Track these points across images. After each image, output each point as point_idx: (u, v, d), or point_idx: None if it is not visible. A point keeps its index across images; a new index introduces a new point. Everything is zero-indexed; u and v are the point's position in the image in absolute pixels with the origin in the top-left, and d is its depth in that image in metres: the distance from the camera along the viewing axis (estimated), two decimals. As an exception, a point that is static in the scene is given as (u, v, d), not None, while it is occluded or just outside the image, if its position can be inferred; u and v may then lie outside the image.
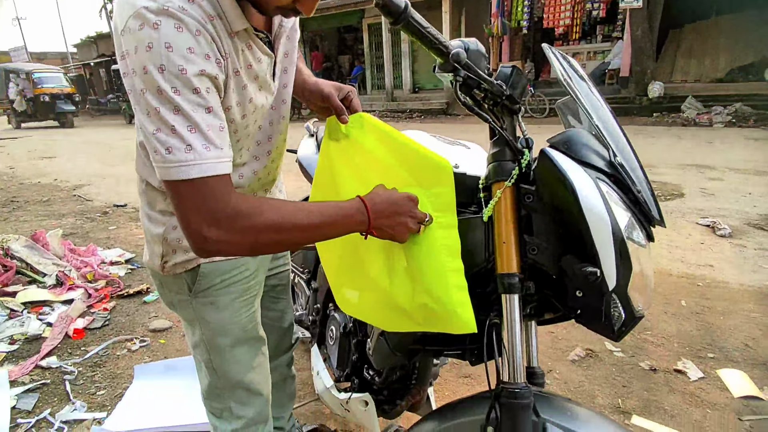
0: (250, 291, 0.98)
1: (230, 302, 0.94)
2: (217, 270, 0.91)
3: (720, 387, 1.79)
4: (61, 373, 2.04)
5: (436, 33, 0.67)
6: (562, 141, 0.76)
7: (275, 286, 1.19)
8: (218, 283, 0.92)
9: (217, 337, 0.95)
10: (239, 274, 0.95)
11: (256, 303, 1.01)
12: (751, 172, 4.95)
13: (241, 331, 0.97)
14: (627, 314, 0.73)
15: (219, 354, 0.96)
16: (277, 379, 1.28)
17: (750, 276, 2.68)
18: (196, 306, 0.93)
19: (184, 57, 0.61)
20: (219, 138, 0.66)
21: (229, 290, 0.94)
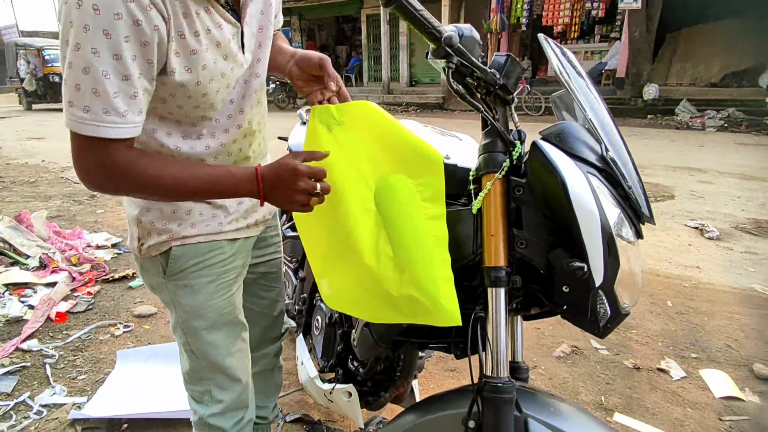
0: (227, 274, 0.96)
1: (205, 285, 0.93)
2: (190, 252, 0.91)
3: (702, 387, 1.81)
4: (41, 357, 2.01)
5: (429, 16, 0.65)
6: (555, 133, 0.74)
7: (265, 273, 1.17)
8: (192, 265, 0.91)
9: (193, 320, 0.94)
10: (214, 257, 0.93)
11: (234, 287, 0.99)
12: (740, 176, 5.00)
13: (218, 315, 0.96)
14: (613, 311, 0.72)
15: (195, 337, 0.96)
16: (264, 368, 1.27)
17: (735, 278, 2.71)
18: (171, 288, 0.93)
19: (110, 21, 0.62)
20: (126, 104, 0.68)
21: (204, 273, 0.93)
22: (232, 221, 0.96)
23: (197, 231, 0.91)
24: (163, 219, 0.89)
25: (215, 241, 0.93)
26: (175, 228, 0.90)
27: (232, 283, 0.98)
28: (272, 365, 1.29)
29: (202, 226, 0.91)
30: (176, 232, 0.90)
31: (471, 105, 0.74)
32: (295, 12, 16.15)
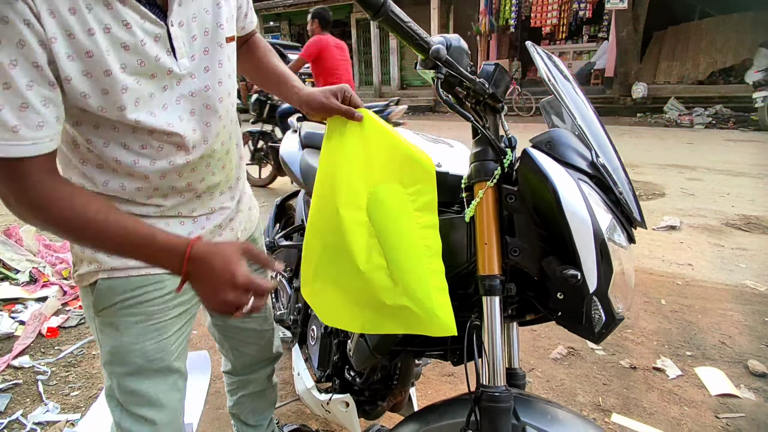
0: (163, 314, 0.84)
1: (132, 325, 0.82)
2: (118, 288, 0.80)
3: (697, 385, 1.82)
4: (33, 373, 1.98)
5: (417, 28, 0.65)
6: (545, 141, 0.75)
7: None
8: (119, 302, 0.80)
9: (114, 364, 0.83)
10: (148, 294, 0.82)
11: (172, 329, 0.87)
12: (729, 173, 5.06)
13: (144, 361, 0.83)
14: (607, 316, 0.72)
15: (117, 383, 0.85)
16: (255, 390, 1.25)
17: (727, 275, 2.74)
18: (98, 325, 0.83)
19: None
20: (16, 117, 0.58)
21: (133, 311, 0.81)
22: None
23: (130, 263, 0.79)
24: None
25: (150, 275, 0.81)
26: (104, 258, 0.78)
27: (168, 324, 0.86)
28: (264, 386, 1.26)
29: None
30: (104, 262, 0.78)
31: (461, 114, 0.74)
32: (284, 17, 16.16)
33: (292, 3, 14.72)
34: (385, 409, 1.24)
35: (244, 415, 1.29)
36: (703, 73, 10.18)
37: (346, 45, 4.60)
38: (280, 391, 1.82)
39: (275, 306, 1.94)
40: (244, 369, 1.21)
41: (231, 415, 1.33)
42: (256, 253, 0.70)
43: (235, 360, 1.20)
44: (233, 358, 1.20)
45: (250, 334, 1.14)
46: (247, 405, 1.27)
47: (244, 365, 1.20)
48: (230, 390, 1.28)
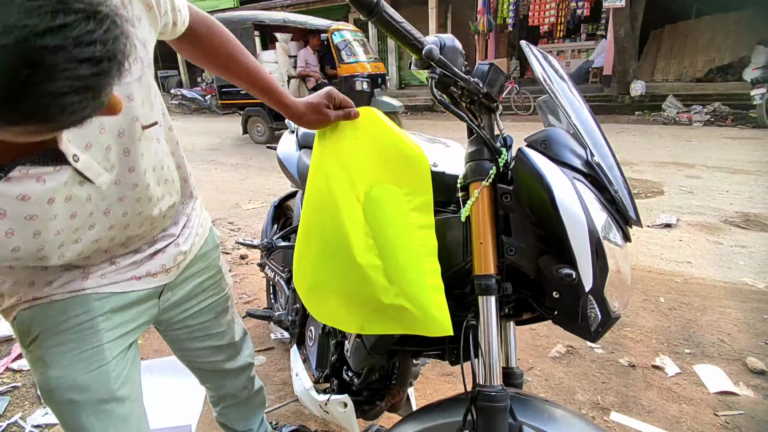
0: (95, 339, 0.77)
1: (59, 356, 0.75)
2: (39, 316, 0.74)
3: (696, 382, 1.82)
4: (32, 376, 1.98)
5: (410, 28, 0.65)
6: (540, 140, 0.75)
7: (200, 324, 1.01)
8: (42, 332, 0.74)
9: (48, 401, 0.77)
10: (73, 318, 0.75)
11: (111, 354, 0.79)
12: (728, 170, 5.06)
13: (78, 393, 0.76)
14: (603, 315, 0.72)
15: (60, 420, 0.79)
16: (235, 401, 1.22)
17: (726, 272, 2.74)
18: (29, 361, 0.77)
19: None
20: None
21: (58, 339, 0.75)
22: (107, 273, 0.78)
23: (52, 289, 0.73)
24: (14, 277, 0.72)
25: (76, 297, 0.75)
26: (25, 289, 0.73)
27: (105, 349, 0.78)
28: (245, 396, 1.22)
29: (60, 284, 0.74)
30: (25, 293, 0.73)
31: (455, 114, 0.74)
32: (282, 18, 16.15)
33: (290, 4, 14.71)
34: (384, 409, 1.24)
35: (232, 422, 1.28)
36: (700, 71, 10.19)
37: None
38: (279, 391, 1.82)
39: (273, 306, 1.94)
40: (214, 384, 1.17)
41: (219, 424, 1.31)
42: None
43: (201, 377, 1.16)
44: (200, 376, 1.16)
45: (207, 352, 1.07)
46: (232, 414, 1.26)
47: (212, 380, 1.17)
48: (212, 401, 1.26)
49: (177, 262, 0.89)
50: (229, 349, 1.11)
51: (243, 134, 8.26)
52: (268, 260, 1.83)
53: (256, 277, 2.81)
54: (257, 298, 2.58)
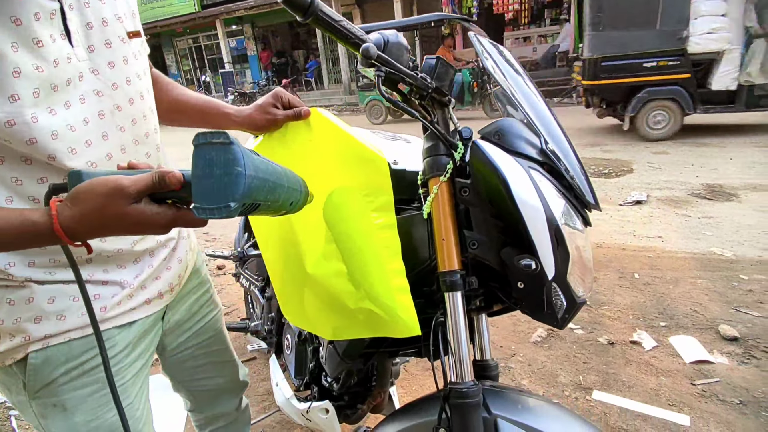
0: (120, 377, 0.72)
1: (84, 399, 0.68)
2: (57, 357, 0.65)
3: (672, 354, 1.87)
4: (6, 409, 1.90)
5: (350, 26, 0.63)
6: (493, 131, 0.74)
7: (200, 343, 0.96)
8: (61, 375, 0.66)
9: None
10: (97, 357, 0.68)
11: (134, 389, 0.75)
12: (693, 144, 5.21)
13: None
14: (568, 301, 0.72)
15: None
16: (227, 422, 1.15)
17: (695, 244, 2.82)
18: (36, 410, 0.68)
19: None
20: None
21: (82, 382, 0.68)
22: (124, 299, 0.71)
23: (68, 324, 0.65)
24: (12, 314, 0.62)
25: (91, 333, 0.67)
26: (32, 326, 0.63)
27: (129, 386, 0.74)
28: (234, 417, 1.15)
29: (75, 316, 0.66)
30: (34, 331, 0.63)
31: (406, 112, 0.73)
32: (246, 20, 15.87)
33: (254, 5, 14.46)
34: (366, 412, 1.23)
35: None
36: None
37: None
38: (264, 402, 1.79)
39: (250, 317, 1.91)
40: (209, 405, 1.10)
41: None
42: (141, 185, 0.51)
43: (196, 399, 1.07)
44: (194, 398, 1.07)
45: (209, 369, 1.01)
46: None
47: (207, 401, 1.09)
48: (198, 425, 1.15)
49: (181, 279, 0.85)
50: (230, 365, 1.06)
51: None
52: (243, 270, 1.79)
53: (234, 287, 2.77)
54: (236, 308, 2.54)
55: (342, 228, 0.81)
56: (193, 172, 0.47)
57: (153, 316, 0.79)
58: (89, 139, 0.63)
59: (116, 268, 0.71)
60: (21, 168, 0.59)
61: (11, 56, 0.53)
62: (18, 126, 0.56)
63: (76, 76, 0.61)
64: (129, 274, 0.72)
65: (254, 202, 0.48)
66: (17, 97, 0.55)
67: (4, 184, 0.59)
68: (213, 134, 0.46)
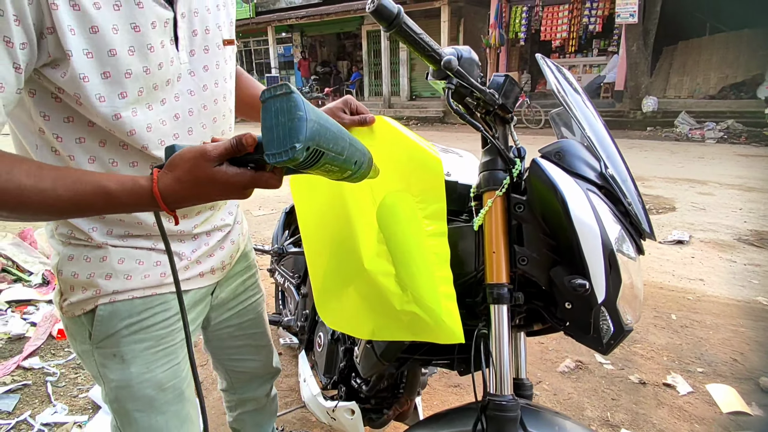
0: (171, 338, 0.78)
1: (140, 353, 0.75)
2: (121, 312, 0.73)
3: (708, 402, 1.78)
4: (43, 374, 2.00)
5: (429, 40, 0.67)
6: (554, 151, 0.75)
7: (241, 323, 1.03)
8: (123, 328, 0.73)
9: (124, 400, 0.76)
10: (154, 317, 0.76)
11: (182, 353, 0.81)
12: (741, 188, 5.00)
13: (157, 392, 0.77)
14: (616, 327, 0.72)
15: (128, 421, 0.77)
16: (255, 407, 1.21)
17: (739, 291, 2.70)
18: (98, 358, 0.75)
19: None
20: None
21: (140, 337, 0.75)
22: (181, 270, 0.78)
23: (133, 284, 0.73)
24: (88, 269, 0.71)
25: (156, 295, 0.75)
26: (103, 281, 0.71)
27: (178, 348, 0.80)
28: (263, 403, 1.21)
29: (139, 278, 0.73)
30: (104, 286, 0.71)
31: (471, 124, 0.75)
32: (297, 29, 16.42)
33: (305, 15, 14.96)
34: (391, 418, 1.23)
35: (245, 429, 1.27)
36: (714, 88, 10.14)
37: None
38: (286, 398, 1.82)
39: (282, 312, 1.95)
40: (242, 387, 1.16)
41: (232, 429, 1.30)
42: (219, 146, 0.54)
43: (231, 379, 1.14)
44: (229, 378, 1.14)
45: (245, 351, 1.08)
46: (248, 421, 1.24)
47: (241, 383, 1.15)
48: (229, 407, 1.24)
49: (232, 259, 0.92)
50: (266, 350, 1.12)
51: None
52: (279, 266, 1.84)
53: (266, 282, 2.82)
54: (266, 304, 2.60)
55: (393, 231, 0.84)
56: (263, 125, 0.51)
57: (204, 290, 0.86)
58: (177, 132, 0.71)
59: (178, 242, 0.79)
60: (119, 152, 0.67)
61: (127, 59, 0.60)
62: (122, 119, 0.63)
63: (175, 77, 0.69)
64: (187, 249, 0.80)
65: (318, 148, 0.51)
66: (125, 95, 0.62)
67: (102, 163, 0.67)
68: (276, 87, 0.50)
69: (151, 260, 0.75)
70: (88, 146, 0.65)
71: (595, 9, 10.65)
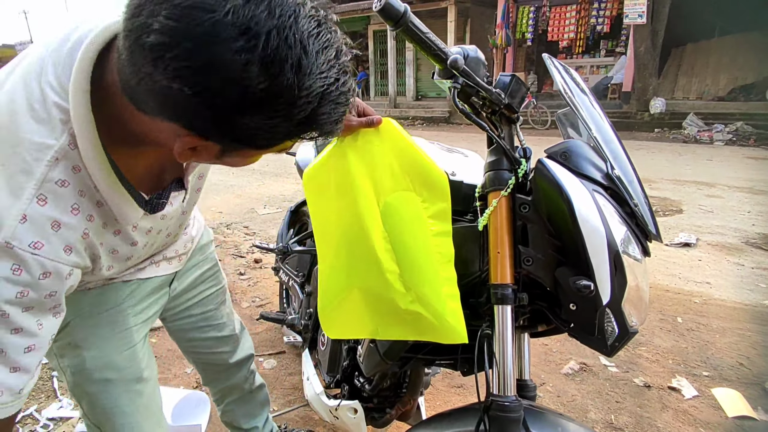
0: (125, 322, 0.84)
1: (97, 338, 0.80)
2: (74, 303, 0.75)
3: (714, 406, 1.77)
4: (49, 370, 2.02)
5: (435, 39, 0.67)
6: (560, 152, 0.75)
7: (203, 313, 1.08)
8: (75, 318, 0.78)
9: (84, 384, 0.81)
10: (107, 303, 0.82)
11: (138, 336, 0.86)
12: (750, 191, 4.95)
13: (116, 374, 0.82)
14: (621, 329, 0.72)
15: (93, 405, 0.82)
16: (240, 394, 1.26)
17: (747, 294, 2.67)
18: (55, 351, 0.80)
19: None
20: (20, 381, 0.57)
21: (95, 323, 0.80)
22: (136, 270, 0.85)
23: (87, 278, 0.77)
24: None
25: (109, 284, 0.82)
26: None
27: (134, 332, 0.85)
28: (248, 389, 1.26)
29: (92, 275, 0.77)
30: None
31: (476, 124, 0.75)
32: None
33: (311, 14, 14.95)
34: (394, 417, 1.23)
35: (237, 421, 1.31)
36: (723, 90, 10.05)
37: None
38: (289, 395, 1.83)
39: (286, 310, 1.95)
40: (219, 378, 1.21)
41: (224, 424, 1.34)
42: None
43: (204, 372, 1.21)
44: (203, 371, 1.21)
45: (212, 343, 1.13)
46: (237, 411, 1.28)
47: (216, 374, 1.21)
48: (216, 399, 1.30)
49: (187, 249, 0.97)
50: (231, 340, 1.17)
51: None
52: (283, 264, 1.85)
53: (270, 281, 2.84)
54: (270, 302, 2.60)
55: (398, 230, 0.84)
56: None
57: (160, 279, 0.91)
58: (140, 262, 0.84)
59: (136, 270, 0.86)
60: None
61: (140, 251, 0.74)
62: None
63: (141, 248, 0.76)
64: (144, 264, 0.86)
65: None
66: (111, 268, 0.71)
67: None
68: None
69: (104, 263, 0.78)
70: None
71: (602, 9, 10.59)
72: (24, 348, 0.56)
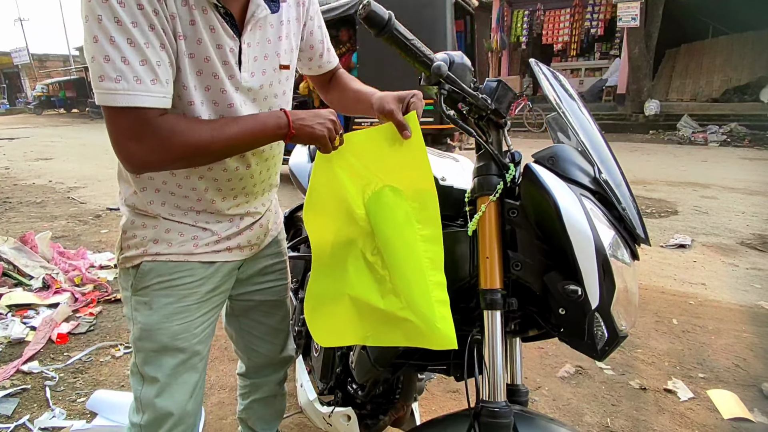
0: (190, 299, 0.94)
1: (164, 306, 0.91)
2: (157, 270, 0.91)
3: (710, 408, 1.77)
4: (42, 379, 2.00)
5: (421, 45, 0.67)
6: (548, 156, 0.75)
7: (264, 301, 1.14)
8: (155, 283, 0.91)
9: (143, 340, 0.92)
10: (180, 279, 0.92)
11: (197, 313, 0.95)
12: (744, 191, 4.98)
13: (169, 339, 0.92)
14: (610, 333, 0.71)
15: (143, 359, 0.94)
16: (266, 395, 1.27)
17: (742, 295, 2.68)
18: (133, 303, 0.93)
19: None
20: (152, 73, 0.69)
21: (166, 293, 0.92)
22: (210, 243, 0.94)
23: (171, 250, 0.91)
24: (144, 233, 0.90)
25: (185, 262, 0.92)
26: (152, 244, 0.90)
27: (194, 308, 0.95)
28: (275, 392, 1.28)
29: (177, 246, 0.91)
30: (151, 248, 0.90)
31: (463, 129, 0.75)
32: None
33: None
34: (387, 423, 1.23)
35: (252, 421, 1.31)
36: (717, 91, 10.12)
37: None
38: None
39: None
40: (257, 370, 1.24)
41: (239, 420, 1.35)
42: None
43: (248, 360, 1.23)
44: (247, 359, 1.24)
45: (266, 330, 1.17)
46: (257, 411, 1.29)
47: (257, 366, 1.23)
48: (242, 393, 1.31)
49: (259, 240, 1.04)
50: (282, 334, 1.21)
51: None
52: (277, 270, 1.84)
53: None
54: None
55: (386, 235, 0.83)
56: None
57: (231, 264, 1.00)
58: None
59: (214, 222, 0.94)
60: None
61: (208, 73, 0.80)
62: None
63: (235, 94, 0.85)
64: (221, 228, 0.95)
65: None
66: (204, 96, 0.81)
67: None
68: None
69: (189, 234, 0.91)
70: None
71: (596, 13, 10.68)
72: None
